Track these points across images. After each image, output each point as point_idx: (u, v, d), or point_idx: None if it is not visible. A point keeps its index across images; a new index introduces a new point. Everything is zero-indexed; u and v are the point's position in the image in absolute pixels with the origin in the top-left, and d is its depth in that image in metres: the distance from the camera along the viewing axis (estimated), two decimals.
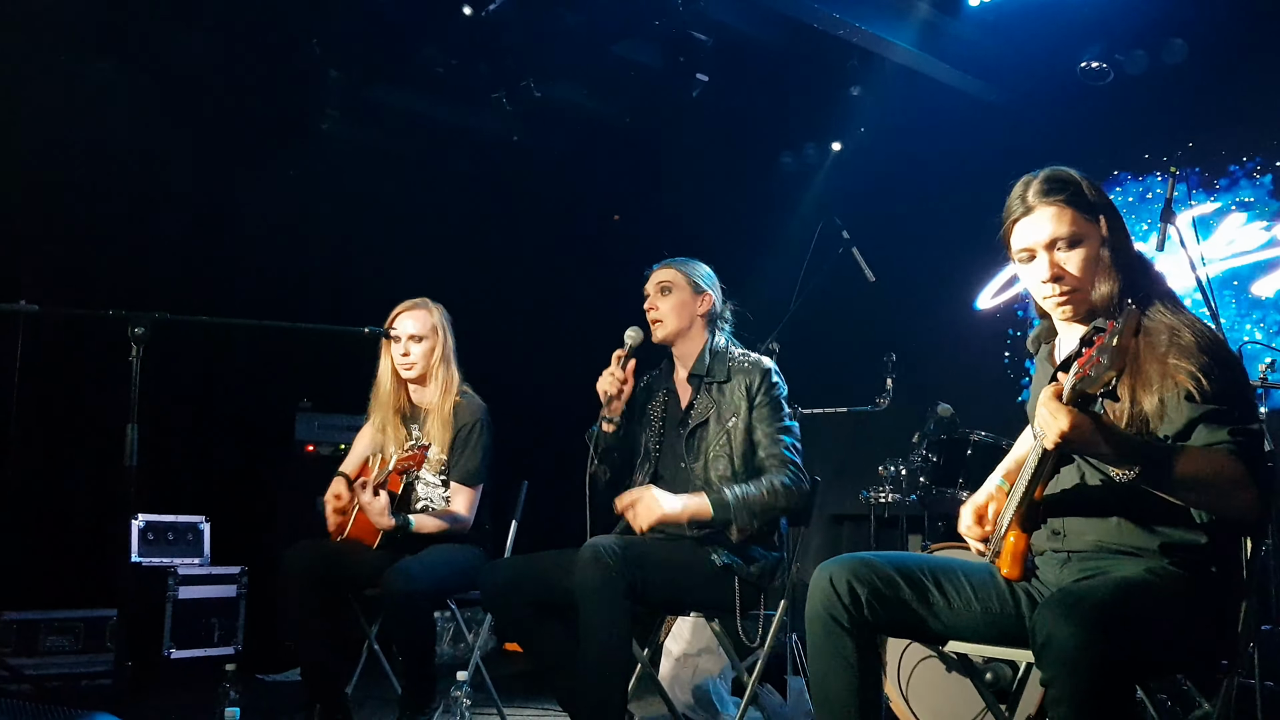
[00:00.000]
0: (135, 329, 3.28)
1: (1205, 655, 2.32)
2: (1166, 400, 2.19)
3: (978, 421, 4.64)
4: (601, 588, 3.06)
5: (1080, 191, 2.35)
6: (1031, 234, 2.35)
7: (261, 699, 4.82)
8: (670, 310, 3.59)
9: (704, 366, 3.58)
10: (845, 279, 5.28)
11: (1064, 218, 2.32)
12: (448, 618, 5.98)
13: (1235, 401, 2.21)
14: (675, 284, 3.61)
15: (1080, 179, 2.37)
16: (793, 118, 7.00)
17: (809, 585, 2.48)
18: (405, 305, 4.15)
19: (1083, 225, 2.33)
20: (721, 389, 3.52)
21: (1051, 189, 2.35)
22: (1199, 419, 2.17)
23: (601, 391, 3.50)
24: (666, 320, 3.60)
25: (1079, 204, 2.33)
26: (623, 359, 3.48)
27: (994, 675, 3.49)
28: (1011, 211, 2.40)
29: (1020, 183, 2.41)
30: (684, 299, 3.61)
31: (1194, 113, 5.60)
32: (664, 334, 3.61)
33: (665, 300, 3.60)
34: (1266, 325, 5.21)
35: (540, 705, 4.69)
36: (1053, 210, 2.33)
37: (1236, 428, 2.17)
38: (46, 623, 4.78)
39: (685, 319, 3.61)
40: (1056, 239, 2.33)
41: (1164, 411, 2.19)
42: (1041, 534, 2.41)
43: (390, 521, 3.84)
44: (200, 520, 5.43)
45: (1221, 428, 2.17)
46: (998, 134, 6.11)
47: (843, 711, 2.40)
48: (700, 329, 3.63)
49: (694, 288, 3.62)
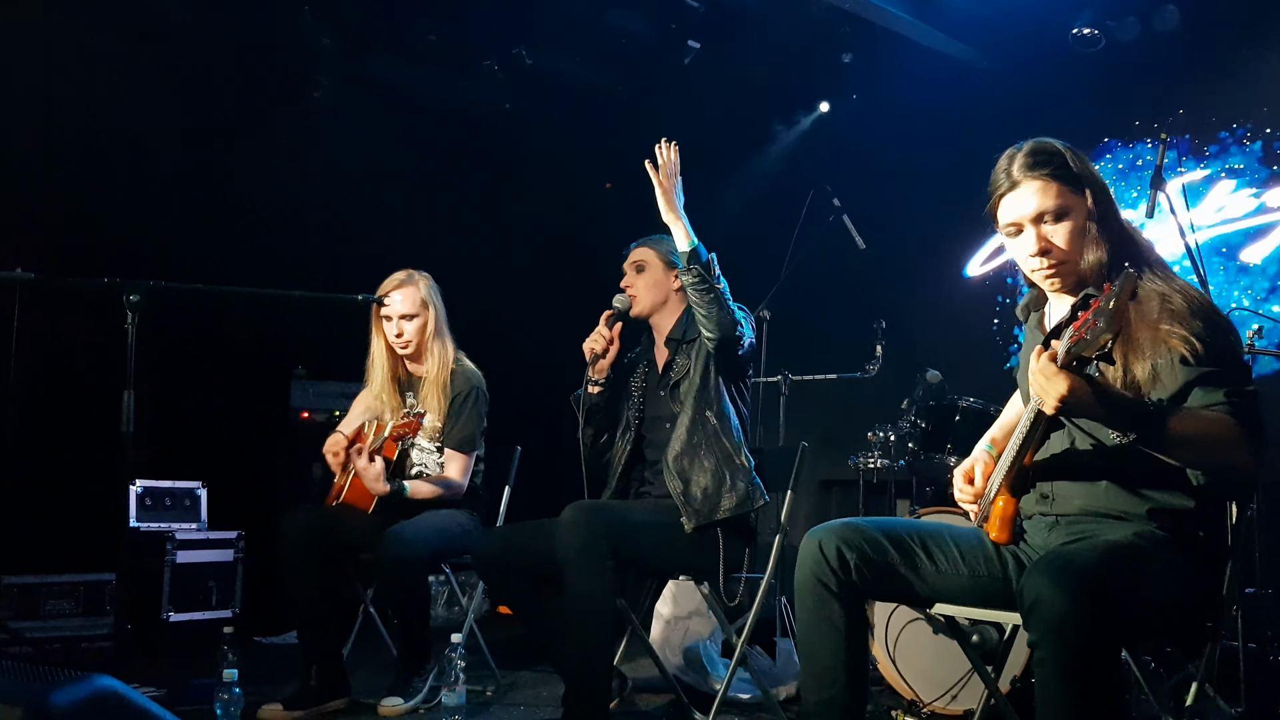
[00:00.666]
0: (130, 296, 3.31)
1: (1190, 618, 2.36)
2: (1160, 366, 2.21)
3: (967, 388, 4.68)
4: (583, 549, 3.13)
5: (1065, 164, 2.35)
6: (1018, 208, 2.36)
7: (259, 661, 4.86)
8: (644, 287, 3.74)
9: (680, 331, 3.70)
10: (836, 246, 5.31)
11: (1049, 191, 2.33)
12: (442, 581, 6.04)
13: (1229, 364, 2.23)
14: (648, 262, 3.76)
15: (1065, 150, 2.37)
16: (784, 85, 7.00)
17: (798, 550, 2.53)
18: (392, 282, 4.16)
19: (1069, 198, 2.33)
20: (694, 343, 3.64)
21: (1036, 162, 2.35)
22: (1194, 381, 2.20)
23: (588, 350, 3.66)
24: (641, 296, 3.75)
25: (1064, 177, 2.34)
26: (610, 319, 3.67)
27: (980, 638, 3.54)
28: (997, 186, 2.40)
29: (1005, 156, 2.40)
30: (657, 276, 3.75)
31: (1185, 80, 5.60)
32: (639, 309, 3.75)
33: (640, 278, 3.75)
34: (1254, 292, 5.25)
35: (534, 668, 4.75)
36: (1038, 184, 2.33)
37: (1232, 389, 2.19)
38: (47, 587, 4.83)
39: (660, 294, 3.75)
40: (1043, 213, 2.34)
41: (1158, 377, 2.21)
42: (1030, 498, 2.44)
43: (385, 487, 3.89)
44: (197, 486, 5.46)
45: (1217, 389, 2.19)
46: (989, 101, 6.11)
47: (829, 674, 2.44)
48: (677, 302, 3.77)
49: (666, 264, 3.74)
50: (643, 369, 3.83)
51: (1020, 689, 3.53)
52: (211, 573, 5.20)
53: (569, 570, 3.15)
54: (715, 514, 3.42)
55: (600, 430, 3.80)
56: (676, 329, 3.72)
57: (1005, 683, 3.48)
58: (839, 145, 6.97)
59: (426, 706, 3.86)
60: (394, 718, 3.76)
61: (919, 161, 6.43)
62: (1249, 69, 5.41)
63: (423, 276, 4.20)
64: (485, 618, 6.26)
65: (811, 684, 2.49)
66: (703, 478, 3.44)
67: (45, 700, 1.48)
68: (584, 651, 3.14)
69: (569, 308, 7.47)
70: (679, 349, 3.69)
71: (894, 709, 3.85)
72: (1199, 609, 2.34)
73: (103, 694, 1.58)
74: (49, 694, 1.50)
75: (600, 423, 3.79)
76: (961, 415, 4.47)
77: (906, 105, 6.55)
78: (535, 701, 4.14)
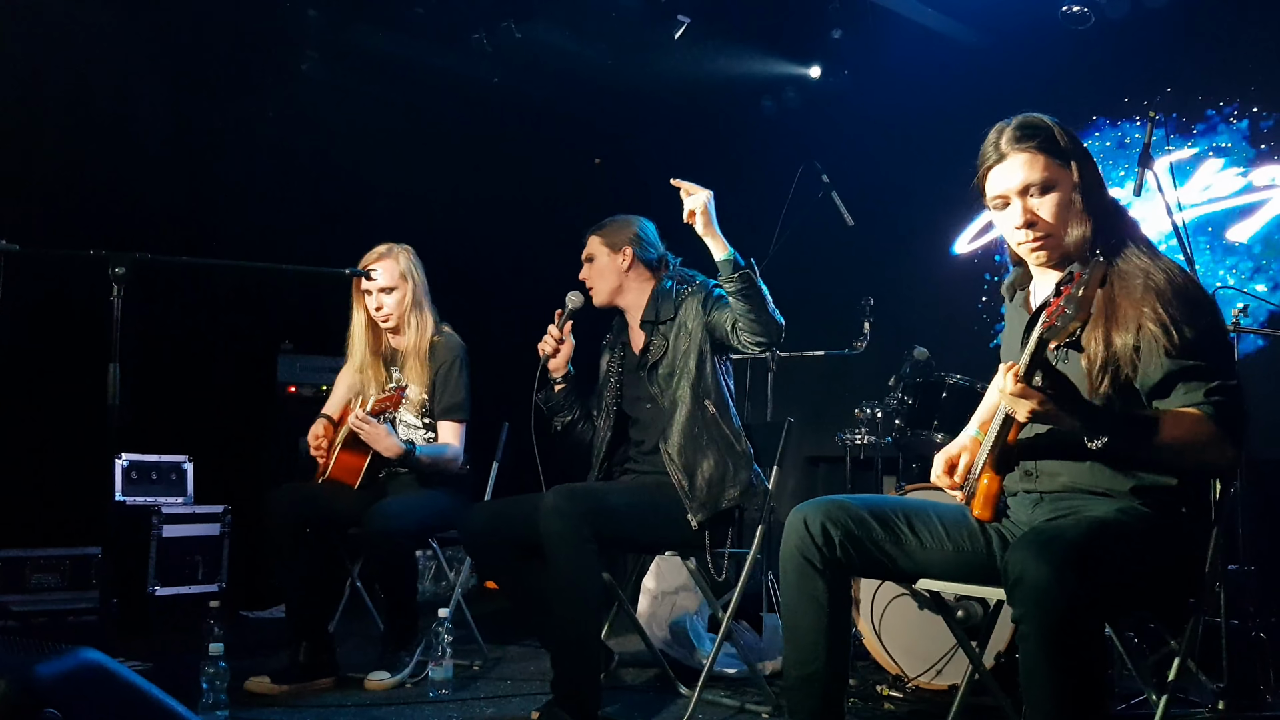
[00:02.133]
0: (116, 268, 3.29)
1: (1173, 594, 2.38)
2: (1142, 347, 2.22)
3: (954, 365, 4.68)
4: (565, 534, 3.14)
5: (1052, 137, 2.37)
6: (1005, 180, 2.38)
7: (245, 635, 4.88)
8: (596, 276, 3.77)
9: (653, 311, 3.70)
10: (824, 223, 5.30)
11: (1036, 164, 2.35)
12: (429, 556, 6.05)
13: (1212, 354, 2.23)
14: (594, 252, 3.78)
15: (1052, 125, 2.39)
16: (774, 61, 6.97)
17: (784, 526, 2.54)
18: (372, 256, 4.15)
19: (1055, 171, 2.36)
20: (672, 323, 3.63)
21: (1024, 135, 2.37)
22: (1177, 374, 2.21)
23: (540, 351, 3.72)
24: (596, 286, 3.77)
25: (1051, 150, 2.36)
26: (561, 318, 3.71)
27: (965, 613, 3.56)
28: (985, 159, 2.42)
29: (994, 130, 2.43)
30: (604, 263, 3.76)
31: (1173, 58, 5.59)
32: (600, 300, 3.78)
33: (591, 269, 3.78)
34: (1239, 271, 5.26)
35: (521, 642, 4.77)
36: (1025, 157, 2.36)
37: (1214, 385, 2.20)
38: (33, 560, 4.82)
39: (614, 279, 3.77)
40: (1029, 185, 2.36)
41: (1140, 360, 2.22)
42: (1015, 475, 2.45)
43: (399, 446, 3.89)
44: (184, 460, 5.46)
45: (1200, 385, 2.20)
46: (978, 78, 6.10)
47: (812, 650, 2.45)
48: (639, 280, 3.77)
49: (610, 248, 3.75)
50: (618, 354, 3.84)
51: (1004, 664, 3.55)
52: (198, 547, 5.19)
53: (553, 555, 3.16)
54: (720, 505, 3.45)
55: (572, 420, 3.85)
56: (649, 310, 3.72)
57: (989, 658, 3.50)
58: (828, 122, 6.95)
59: (413, 681, 3.87)
60: (381, 692, 3.77)
61: (908, 139, 6.42)
62: (1236, 47, 5.40)
63: (404, 249, 4.19)
64: (472, 593, 6.27)
65: (794, 659, 2.50)
66: (706, 469, 3.45)
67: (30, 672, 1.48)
68: (571, 634, 3.16)
69: (557, 283, 7.49)
70: (655, 330, 3.68)
71: (879, 684, 3.87)
72: (1182, 585, 2.35)
73: (88, 666, 1.58)
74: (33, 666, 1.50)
75: (567, 412, 3.84)
76: (948, 392, 4.48)
77: (896, 82, 6.53)
78: (522, 675, 4.15)
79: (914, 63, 6.37)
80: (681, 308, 3.64)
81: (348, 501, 3.95)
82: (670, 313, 3.65)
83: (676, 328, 3.62)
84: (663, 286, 3.75)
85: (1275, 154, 5.22)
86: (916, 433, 4.58)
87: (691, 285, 3.70)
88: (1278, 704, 3.65)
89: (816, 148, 5.72)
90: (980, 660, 2.75)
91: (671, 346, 3.61)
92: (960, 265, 6.40)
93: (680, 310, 3.64)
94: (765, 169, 6.66)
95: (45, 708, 1.45)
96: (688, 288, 3.69)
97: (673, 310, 3.65)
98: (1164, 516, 2.28)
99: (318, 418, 4.17)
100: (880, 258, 6.34)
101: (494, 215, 7.41)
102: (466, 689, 3.89)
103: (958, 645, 3.21)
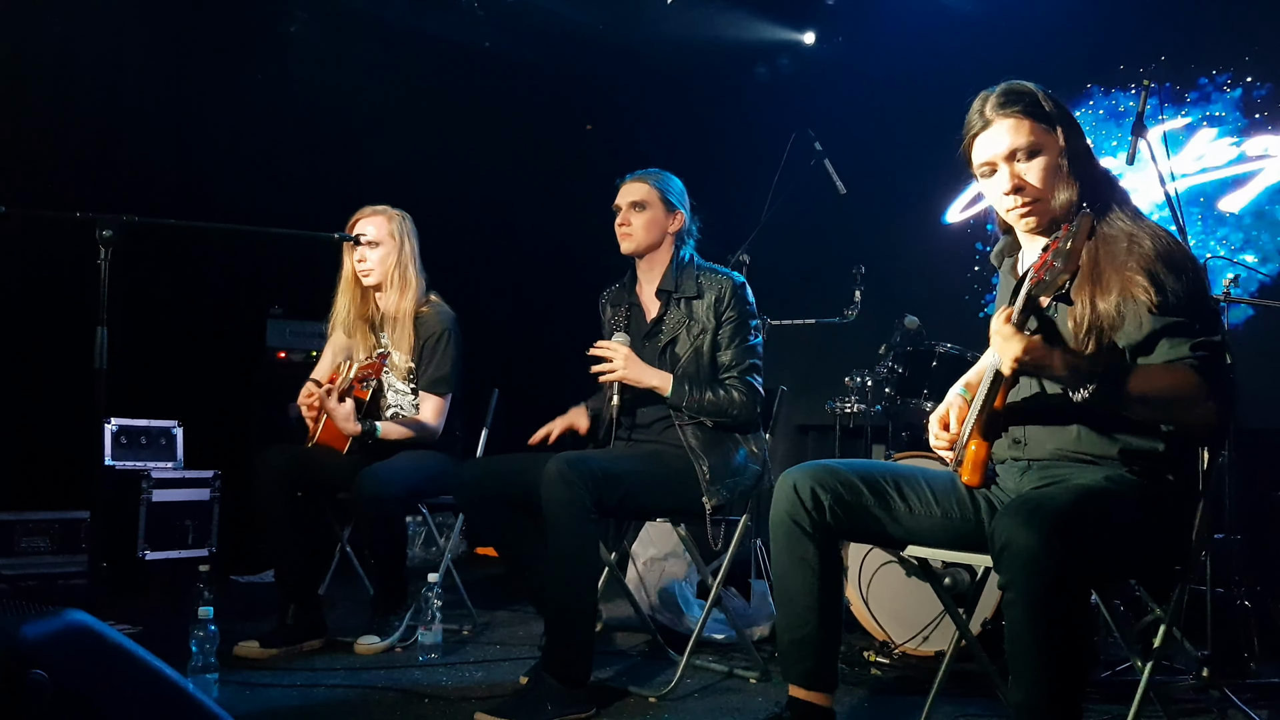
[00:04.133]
0: (103, 232, 3.27)
1: (1159, 561, 2.39)
2: (1126, 310, 2.22)
3: (944, 334, 4.68)
4: (567, 503, 3.11)
5: (1037, 102, 2.38)
6: (991, 147, 2.39)
7: (236, 600, 4.89)
8: (642, 226, 3.60)
9: (672, 281, 3.60)
10: (816, 191, 5.29)
11: (1022, 129, 2.36)
12: (419, 522, 6.06)
13: (1196, 312, 2.24)
14: (649, 201, 3.61)
15: (1036, 90, 2.40)
16: (767, 26, 6.94)
17: (774, 491, 2.55)
18: (364, 211, 4.14)
19: (1041, 135, 2.36)
20: (690, 304, 3.55)
21: (1008, 101, 2.38)
22: (1161, 331, 2.21)
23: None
24: (637, 236, 3.61)
25: (1036, 114, 2.36)
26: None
27: (953, 580, 3.57)
28: (971, 126, 2.43)
29: (978, 98, 2.43)
30: (657, 216, 3.61)
31: (1167, 27, 5.57)
32: (633, 248, 3.63)
33: (639, 216, 3.61)
34: (1230, 242, 5.27)
35: (511, 607, 4.79)
36: (1010, 122, 2.36)
37: (1198, 341, 2.21)
38: (22, 524, 4.81)
39: (656, 235, 3.62)
40: (1015, 149, 2.36)
41: (1124, 321, 2.23)
42: (1003, 442, 2.46)
43: (356, 427, 3.89)
44: (173, 425, 5.44)
45: (1184, 341, 2.21)
46: (972, 46, 6.08)
47: (804, 612, 2.48)
48: (669, 245, 3.65)
49: (667, 206, 3.62)
50: (624, 310, 3.74)
51: (991, 630, 3.58)
52: (188, 511, 5.19)
53: (553, 523, 3.14)
54: (734, 493, 3.44)
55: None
56: (667, 279, 3.61)
57: (976, 625, 3.52)
58: (821, 89, 6.93)
59: (403, 645, 3.88)
60: (370, 656, 3.79)
61: (901, 107, 6.40)
62: (1231, 17, 5.39)
63: (400, 213, 4.17)
64: (462, 558, 6.30)
65: (786, 623, 2.52)
66: (717, 460, 3.42)
67: (15, 632, 1.47)
68: (568, 604, 3.15)
69: (547, 249, 7.49)
70: (670, 302, 3.59)
71: (866, 650, 3.89)
72: (1168, 552, 2.37)
73: (75, 628, 1.57)
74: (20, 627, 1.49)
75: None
76: (939, 361, 4.49)
77: (890, 50, 6.51)
78: (511, 640, 4.17)
79: (908, 30, 6.35)
80: (705, 292, 3.55)
81: (337, 465, 3.95)
82: (693, 290, 3.56)
83: (690, 312, 3.55)
84: (682, 257, 3.65)
85: (1268, 124, 5.21)
86: (906, 401, 4.59)
87: (718, 274, 3.59)
88: (1262, 672, 3.68)
89: (809, 115, 5.70)
90: (967, 627, 2.77)
91: (686, 336, 3.54)
92: (952, 234, 6.40)
93: (702, 292, 3.55)
94: (758, 136, 6.64)
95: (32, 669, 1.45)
96: (716, 274, 3.59)
97: (694, 288, 3.56)
98: (1151, 484, 2.29)
99: (308, 382, 4.16)
100: (872, 226, 6.33)
101: (484, 179, 7.39)
102: (456, 653, 3.90)
103: (945, 612, 3.23)
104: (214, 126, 6.21)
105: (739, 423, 3.47)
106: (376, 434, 3.94)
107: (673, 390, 3.43)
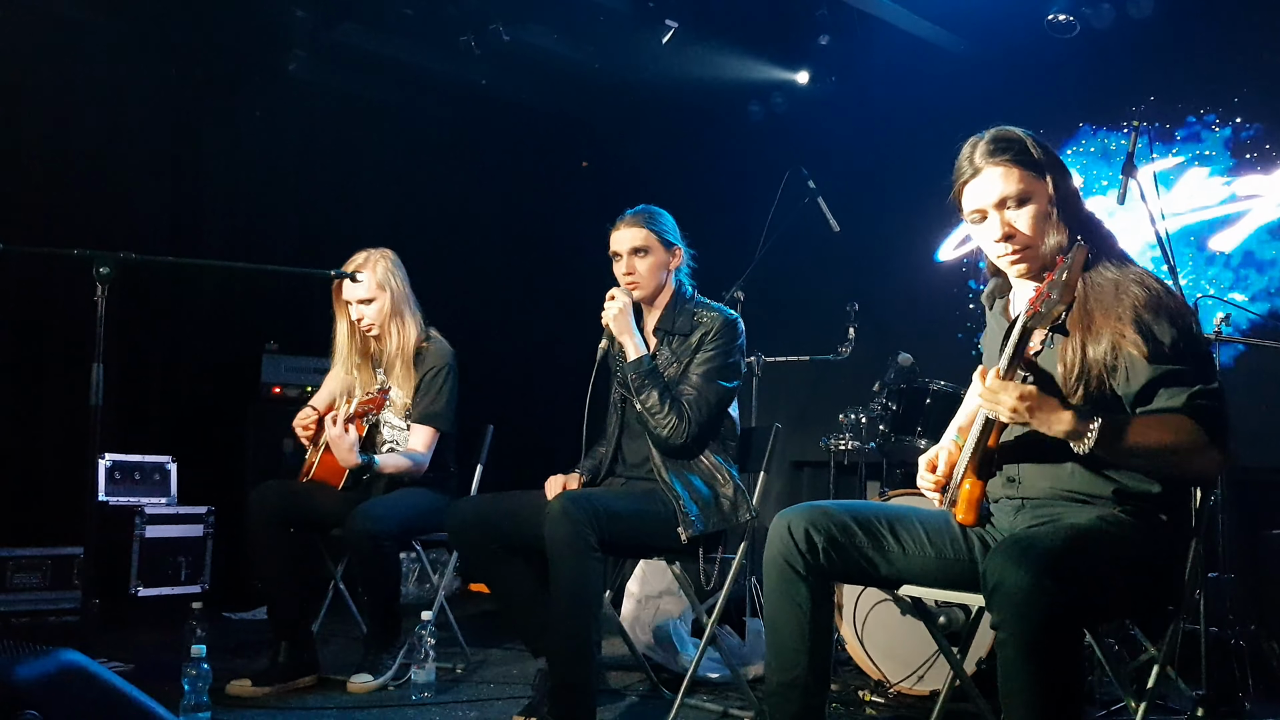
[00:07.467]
0: (100, 268, 3.28)
1: (1153, 601, 2.38)
2: (1121, 360, 2.23)
3: (938, 371, 4.70)
4: (572, 541, 3.11)
5: (1025, 149, 2.38)
6: (981, 195, 2.40)
7: (228, 636, 4.86)
8: (648, 272, 3.58)
9: (670, 320, 3.59)
10: (810, 229, 5.31)
11: (1011, 177, 2.36)
12: (413, 559, 6.04)
13: (1190, 358, 2.24)
14: (650, 246, 3.58)
15: (1025, 137, 2.41)
16: (761, 66, 6.99)
17: (768, 531, 2.55)
18: (350, 265, 4.09)
19: (1030, 182, 2.37)
20: (684, 340, 3.56)
21: (997, 149, 2.39)
22: (1159, 380, 2.21)
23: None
24: (645, 283, 3.59)
25: (1025, 162, 2.37)
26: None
27: (947, 619, 3.57)
28: (961, 173, 2.44)
29: (968, 144, 2.44)
30: (659, 259, 3.59)
31: (1157, 67, 5.62)
32: (642, 295, 3.61)
33: (643, 262, 3.58)
34: (1220, 281, 5.29)
35: (504, 646, 4.77)
36: (1000, 170, 2.37)
37: (1197, 390, 2.21)
38: (14, 560, 4.80)
39: (662, 277, 3.61)
40: (1005, 198, 2.37)
41: (1119, 370, 2.23)
42: (997, 481, 2.46)
43: (357, 459, 3.88)
44: (167, 460, 5.44)
45: (1181, 391, 2.21)
46: (964, 86, 6.12)
47: (793, 656, 2.47)
48: (670, 282, 3.66)
49: (665, 245, 3.61)
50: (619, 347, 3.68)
51: (986, 670, 3.56)
52: (181, 548, 5.18)
53: (556, 561, 3.13)
54: (707, 528, 3.40)
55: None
56: (665, 318, 3.61)
57: (971, 664, 3.51)
58: (815, 127, 6.97)
59: (396, 683, 3.86)
60: (363, 694, 3.77)
61: (894, 145, 6.44)
62: (1220, 58, 5.43)
63: (382, 255, 4.15)
64: (456, 595, 6.27)
65: (775, 665, 2.51)
66: (686, 493, 3.39)
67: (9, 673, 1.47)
68: (571, 645, 3.14)
69: (543, 287, 7.51)
70: (666, 341, 3.59)
71: (861, 689, 3.88)
72: (1162, 591, 2.36)
73: (68, 668, 1.57)
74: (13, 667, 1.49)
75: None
76: (932, 398, 4.49)
77: (883, 89, 6.56)
78: (505, 679, 4.15)
79: (901, 70, 6.40)
80: (695, 328, 3.54)
81: (331, 502, 3.95)
82: (687, 327, 3.55)
83: (680, 348, 3.55)
84: (683, 293, 3.65)
85: (1257, 164, 5.25)
86: (900, 438, 4.59)
87: (710, 311, 3.58)
88: (1256, 711, 3.67)
89: (803, 153, 5.74)
90: (961, 666, 2.76)
91: (677, 365, 3.53)
92: (944, 272, 6.42)
93: (694, 329, 3.54)
94: (752, 174, 6.67)
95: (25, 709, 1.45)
96: (710, 311, 3.58)
97: (689, 326, 3.55)
98: (1144, 524, 2.29)
99: (306, 406, 4.17)
100: (865, 264, 6.35)
101: (480, 217, 7.43)
102: (449, 692, 3.88)
103: (939, 651, 3.22)
104: (211, 163, 6.24)
105: (659, 439, 3.43)
106: (375, 466, 3.94)
107: (637, 361, 3.44)
